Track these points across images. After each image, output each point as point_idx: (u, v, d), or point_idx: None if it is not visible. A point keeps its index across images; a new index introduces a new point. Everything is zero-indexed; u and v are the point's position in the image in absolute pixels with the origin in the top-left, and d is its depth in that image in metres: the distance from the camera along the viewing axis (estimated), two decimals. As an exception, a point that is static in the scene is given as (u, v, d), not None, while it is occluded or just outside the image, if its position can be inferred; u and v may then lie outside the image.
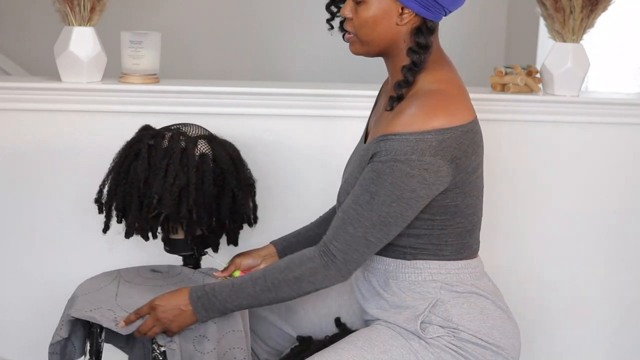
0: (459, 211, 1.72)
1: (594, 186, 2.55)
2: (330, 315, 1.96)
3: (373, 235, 1.66)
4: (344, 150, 2.43)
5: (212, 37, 4.60)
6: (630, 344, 2.65)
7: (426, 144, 1.61)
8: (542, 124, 2.51)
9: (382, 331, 1.76)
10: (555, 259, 2.58)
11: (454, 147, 1.64)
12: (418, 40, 1.68)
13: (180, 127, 2.05)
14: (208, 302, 1.76)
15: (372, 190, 1.64)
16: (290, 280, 1.71)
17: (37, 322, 2.45)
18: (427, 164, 1.62)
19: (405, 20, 1.68)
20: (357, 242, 1.67)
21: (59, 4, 2.30)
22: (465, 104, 1.70)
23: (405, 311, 1.75)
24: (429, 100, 1.65)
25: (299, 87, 2.47)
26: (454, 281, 1.75)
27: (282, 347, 2.02)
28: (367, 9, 1.68)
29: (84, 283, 2.00)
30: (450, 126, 1.63)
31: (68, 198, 2.40)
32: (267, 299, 1.74)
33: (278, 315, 2.00)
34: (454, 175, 1.67)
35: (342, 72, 4.40)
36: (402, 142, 1.62)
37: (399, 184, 1.63)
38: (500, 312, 1.77)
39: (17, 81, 2.51)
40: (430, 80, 1.69)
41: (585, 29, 2.46)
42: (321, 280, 1.71)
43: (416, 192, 1.64)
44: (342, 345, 1.75)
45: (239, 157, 2.05)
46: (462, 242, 1.76)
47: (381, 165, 1.64)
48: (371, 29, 1.69)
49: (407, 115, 1.63)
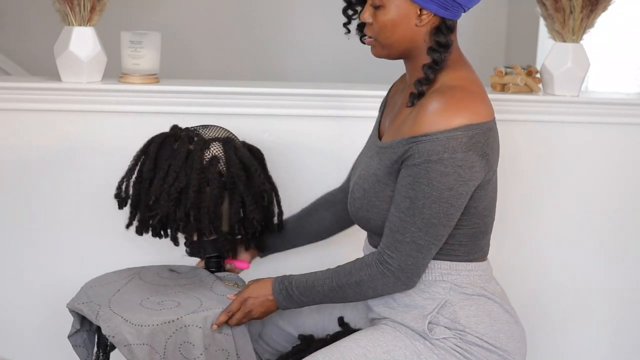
0: (477, 212, 1.73)
1: (594, 186, 2.55)
2: (334, 315, 1.96)
3: (422, 238, 1.67)
4: (344, 150, 2.43)
5: (212, 37, 4.60)
6: (631, 344, 2.65)
7: (456, 141, 1.62)
8: (542, 124, 2.51)
9: (386, 331, 1.76)
10: (555, 259, 2.58)
11: (482, 142, 1.65)
12: (438, 40, 1.69)
13: (198, 128, 2.02)
14: (287, 294, 1.81)
15: (411, 195, 1.65)
16: (352, 284, 1.74)
17: (37, 323, 2.45)
18: (460, 161, 1.63)
19: (425, 22, 1.68)
20: (408, 248, 1.67)
21: (59, 4, 2.30)
22: (486, 102, 1.70)
23: (414, 310, 1.75)
24: (453, 96, 1.66)
25: (299, 87, 2.47)
26: (463, 283, 1.75)
27: (283, 348, 2.02)
28: (386, 13, 1.69)
29: (101, 276, 2.03)
30: (477, 122, 1.64)
31: (68, 198, 2.40)
32: (337, 298, 1.78)
33: (280, 316, 2.00)
34: (486, 171, 1.68)
35: (343, 72, 4.40)
36: (433, 142, 1.62)
37: (435, 185, 1.63)
38: (507, 317, 1.77)
39: (17, 81, 2.51)
40: (452, 77, 1.70)
41: (585, 29, 2.46)
42: (381, 287, 1.73)
43: (455, 190, 1.64)
44: (345, 344, 1.76)
45: (252, 162, 1.99)
46: (474, 244, 1.76)
47: (415, 169, 1.64)
48: (391, 32, 1.70)
49: (432, 113, 1.64)
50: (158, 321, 1.80)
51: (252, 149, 2.07)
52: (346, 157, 2.43)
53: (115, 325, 1.80)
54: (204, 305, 1.86)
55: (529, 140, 2.51)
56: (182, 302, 1.87)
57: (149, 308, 1.84)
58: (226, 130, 2.05)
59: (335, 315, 1.96)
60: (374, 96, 2.43)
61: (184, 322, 1.81)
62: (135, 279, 1.99)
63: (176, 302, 1.87)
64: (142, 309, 1.84)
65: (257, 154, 2.08)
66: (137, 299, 1.88)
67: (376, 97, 2.43)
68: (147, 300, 1.88)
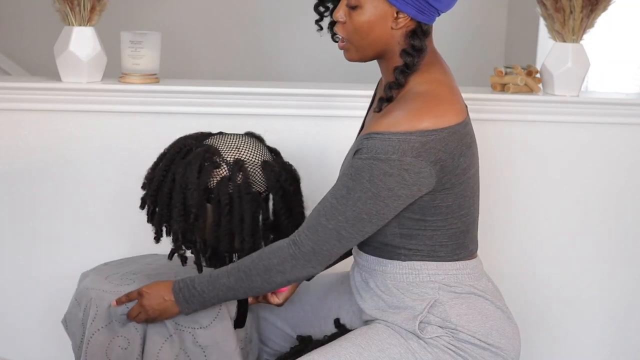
0: (451, 212, 1.72)
1: (594, 186, 2.55)
2: (330, 317, 1.96)
3: (346, 230, 1.66)
4: (344, 150, 2.43)
5: (212, 37, 4.60)
6: (630, 345, 2.65)
7: (408, 145, 1.61)
8: (542, 124, 2.51)
9: (380, 330, 1.76)
10: (554, 259, 2.58)
11: (438, 149, 1.63)
12: (413, 43, 1.68)
13: (220, 145, 1.89)
14: (189, 293, 1.77)
15: (349, 186, 1.65)
16: (260, 270, 1.72)
17: (37, 323, 2.45)
18: (407, 165, 1.62)
19: (400, 25, 1.67)
20: (329, 235, 1.67)
21: (59, 4, 2.30)
22: (454, 105, 1.69)
23: (404, 311, 1.75)
24: (416, 102, 1.65)
25: (299, 87, 2.47)
26: (452, 282, 1.75)
27: (282, 348, 2.02)
28: (362, 13, 1.67)
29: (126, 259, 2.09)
30: (436, 128, 1.63)
31: (68, 198, 2.40)
32: (241, 290, 1.75)
33: (278, 316, 2.01)
34: (439, 177, 1.66)
35: (342, 72, 4.39)
36: (385, 141, 1.62)
37: (376, 182, 1.63)
38: (499, 313, 1.77)
39: (17, 81, 2.51)
40: (420, 81, 1.69)
41: (585, 29, 2.46)
42: (290, 269, 1.71)
43: (394, 191, 1.63)
44: (340, 343, 1.76)
45: (239, 195, 1.84)
46: (457, 243, 1.76)
47: (361, 162, 1.64)
48: (366, 33, 1.68)
49: (393, 117, 1.64)
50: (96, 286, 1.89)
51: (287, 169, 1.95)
52: (346, 157, 2.44)
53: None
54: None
55: (529, 140, 2.51)
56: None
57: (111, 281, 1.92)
58: (260, 148, 1.93)
59: (331, 317, 1.95)
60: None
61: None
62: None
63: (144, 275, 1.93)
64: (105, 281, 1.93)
65: (260, 184, 1.91)
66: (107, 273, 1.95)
67: (372, 97, 2.44)
68: (114, 274, 1.95)
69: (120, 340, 1.84)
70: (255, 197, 1.86)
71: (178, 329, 1.82)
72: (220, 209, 1.84)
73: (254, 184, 1.86)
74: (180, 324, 1.83)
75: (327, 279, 2.02)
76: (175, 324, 1.82)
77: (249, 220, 1.85)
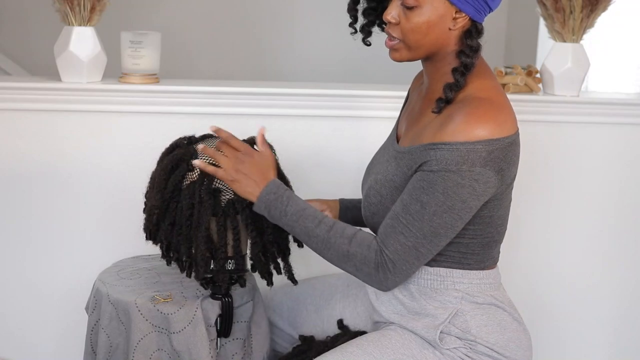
0: (492, 222, 1.70)
1: (594, 186, 2.55)
2: (333, 317, 1.95)
3: (424, 246, 1.63)
4: (345, 150, 2.43)
5: (212, 37, 4.60)
6: (631, 343, 2.65)
7: (476, 154, 1.58)
8: (542, 124, 2.51)
9: (394, 338, 1.73)
10: (554, 259, 2.58)
11: (500, 158, 1.61)
12: (470, 44, 1.65)
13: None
14: (275, 199, 1.69)
15: (423, 200, 1.61)
16: (342, 250, 1.66)
17: (37, 323, 2.45)
18: (477, 175, 1.59)
19: (459, 25, 1.65)
20: (408, 252, 1.63)
21: (59, 4, 2.30)
22: (512, 114, 1.67)
23: (425, 318, 1.73)
24: (479, 107, 1.61)
25: (299, 87, 2.47)
26: (475, 291, 1.73)
27: (284, 349, 2.01)
28: (421, 14, 1.63)
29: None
30: (499, 137, 1.60)
31: (68, 198, 2.40)
32: (314, 245, 1.68)
33: (280, 317, 2.00)
34: (498, 186, 1.65)
35: (342, 72, 4.40)
36: (453, 151, 1.59)
37: (450, 195, 1.59)
38: (516, 324, 1.76)
39: (17, 81, 2.51)
40: (479, 87, 1.66)
41: (585, 29, 2.46)
42: (365, 274, 1.65)
43: (467, 203, 1.61)
44: (350, 349, 1.73)
45: (200, 201, 1.75)
46: (487, 252, 1.74)
47: (432, 175, 1.60)
48: (424, 34, 1.64)
49: (456, 123, 1.60)
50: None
51: None
52: (347, 157, 2.44)
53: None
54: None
55: (529, 140, 2.51)
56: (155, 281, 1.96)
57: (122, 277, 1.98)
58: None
59: (334, 317, 1.94)
60: (374, 96, 2.44)
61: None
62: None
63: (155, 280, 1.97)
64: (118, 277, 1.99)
65: None
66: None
67: (376, 97, 2.44)
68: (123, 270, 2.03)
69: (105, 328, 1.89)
70: (218, 205, 1.76)
71: (155, 330, 1.81)
72: (182, 212, 1.77)
73: (225, 192, 1.78)
74: (156, 325, 1.81)
75: (332, 280, 2.01)
76: (151, 325, 1.81)
77: (204, 229, 1.75)
